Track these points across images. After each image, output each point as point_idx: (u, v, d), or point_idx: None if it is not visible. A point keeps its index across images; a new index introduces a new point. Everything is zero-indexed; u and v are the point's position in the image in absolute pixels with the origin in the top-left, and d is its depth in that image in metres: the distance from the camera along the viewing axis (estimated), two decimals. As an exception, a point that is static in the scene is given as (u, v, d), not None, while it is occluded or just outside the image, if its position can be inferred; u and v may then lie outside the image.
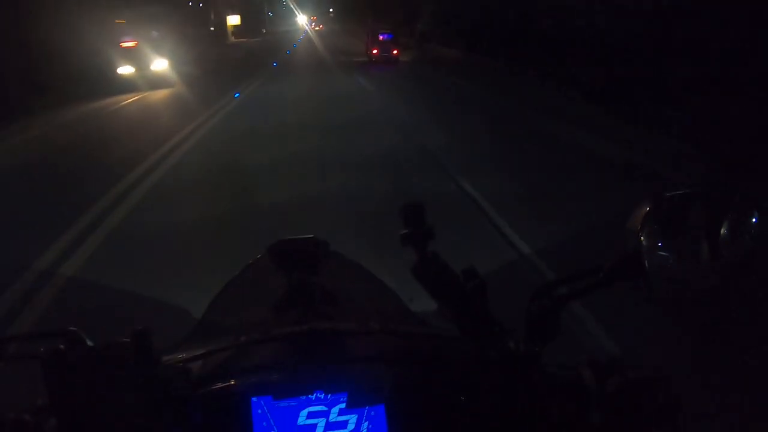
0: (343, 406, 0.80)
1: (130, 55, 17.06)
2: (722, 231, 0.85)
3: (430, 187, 5.80)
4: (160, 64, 17.34)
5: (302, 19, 72.88)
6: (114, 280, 3.84)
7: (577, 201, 5.10)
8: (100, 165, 7.51)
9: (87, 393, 0.73)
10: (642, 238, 0.83)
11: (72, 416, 0.73)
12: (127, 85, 16.00)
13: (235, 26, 53.68)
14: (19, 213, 5.65)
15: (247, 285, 1.15)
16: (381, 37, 22.88)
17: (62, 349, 0.75)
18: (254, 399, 0.80)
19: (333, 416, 0.80)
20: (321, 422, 0.80)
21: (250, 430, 0.79)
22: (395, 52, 22.68)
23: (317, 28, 79.52)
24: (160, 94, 15.24)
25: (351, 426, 0.80)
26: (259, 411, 0.80)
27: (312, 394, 0.80)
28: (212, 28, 45.28)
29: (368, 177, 6.25)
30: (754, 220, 0.84)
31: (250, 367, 0.85)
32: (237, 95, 13.83)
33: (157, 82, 16.57)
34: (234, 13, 52.80)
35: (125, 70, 16.93)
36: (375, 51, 22.55)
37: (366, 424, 0.80)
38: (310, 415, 0.80)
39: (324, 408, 0.80)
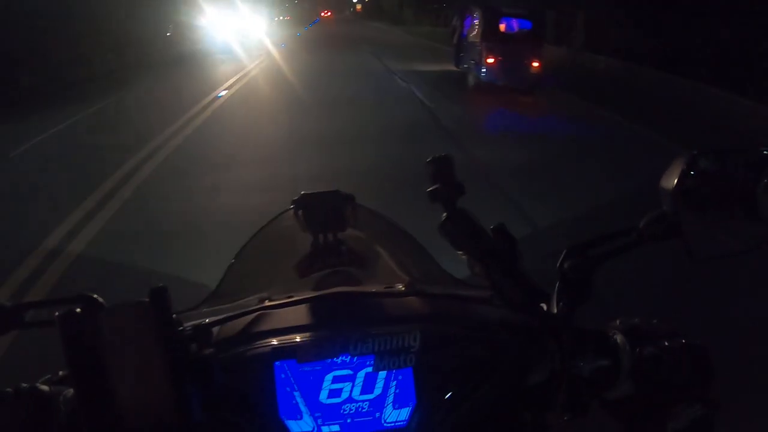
0: (369, 370, 0.77)
1: None
2: (758, 191, 0.83)
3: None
4: None
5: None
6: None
7: None
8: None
9: (105, 356, 0.70)
10: (677, 196, 0.80)
11: (90, 382, 0.71)
12: None
13: None
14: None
15: (270, 243, 1.12)
16: (503, 27, 10.77)
17: (78, 312, 0.72)
18: (277, 363, 0.77)
19: (359, 380, 0.78)
20: (347, 387, 0.78)
21: (273, 394, 0.77)
22: (535, 64, 10.56)
23: (326, 14, 56.07)
24: None
25: (378, 391, 0.78)
26: (283, 375, 0.77)
27: (337, 358, 0.78)
28: None
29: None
30: None
31: (272, 330, 0.82)
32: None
33: None
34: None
35: None
36: (490, 60, 10.51)
37: (393, 387, 0.78)
38: (336, 380, 0.78)
39: (350, 372, 0.78)
